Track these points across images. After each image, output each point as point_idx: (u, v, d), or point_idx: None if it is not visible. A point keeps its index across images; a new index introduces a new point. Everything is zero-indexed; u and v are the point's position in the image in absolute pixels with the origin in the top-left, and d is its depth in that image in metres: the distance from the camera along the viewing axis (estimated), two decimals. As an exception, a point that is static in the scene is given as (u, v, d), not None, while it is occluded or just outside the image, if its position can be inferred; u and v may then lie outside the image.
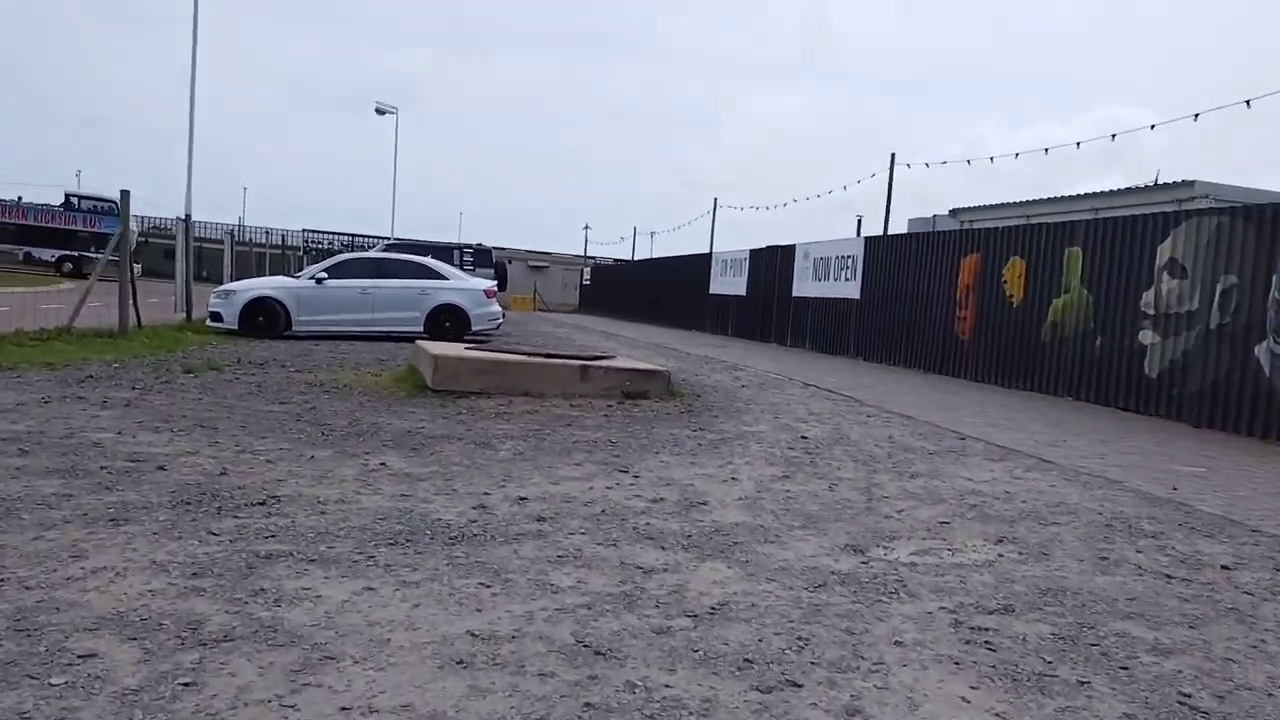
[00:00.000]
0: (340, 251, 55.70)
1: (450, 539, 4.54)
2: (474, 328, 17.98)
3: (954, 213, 29.99)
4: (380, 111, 43.89)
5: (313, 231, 65.58)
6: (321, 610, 3.52)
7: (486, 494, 5.52)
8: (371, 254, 21.96)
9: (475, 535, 4.63)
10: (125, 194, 14.77)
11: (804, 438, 8.15)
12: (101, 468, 5.58)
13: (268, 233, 57.96)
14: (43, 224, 46.33)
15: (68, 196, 47.83)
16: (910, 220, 32.93)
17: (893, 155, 27.26)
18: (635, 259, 61.46)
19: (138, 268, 33.38)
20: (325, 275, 17.46)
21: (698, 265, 33.70)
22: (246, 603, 3.55)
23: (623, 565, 4.24)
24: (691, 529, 4.91)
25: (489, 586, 3.90)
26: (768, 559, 4.42)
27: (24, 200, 48.33)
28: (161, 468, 5.69)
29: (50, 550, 3.99)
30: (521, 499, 5.42)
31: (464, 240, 47.23)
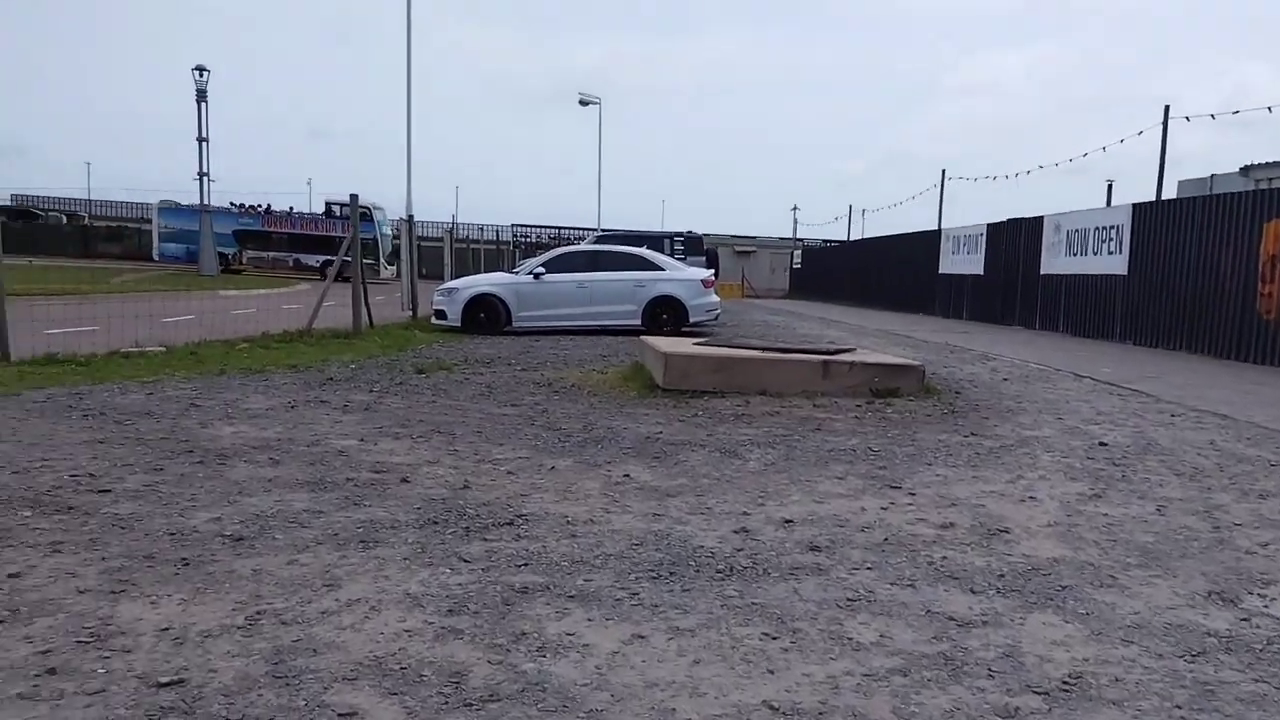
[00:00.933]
0: (548, 245, 56.99)
1: (718, 572, 4.02)
2: (692, 319, 17.58)
3: (1246, 170, 27.04)
4: (584, 103, 44.34)
5: (521, 226, 67.45)
6: (591, 664, 3.07)
7: (745, 514, 4.98)
8: (586, 247, 21.97)
9: (745, 568, 4.09)
10: (354, 197, 15.23)
11: (1102, 444, 7.16)
12: (348, 479, 5.41)
13: (482, 229, 60.07)
14: (308, 232, 49.63)
15: (328, 205, 50.83)
16: (1181, 183, 29.89)
17: (1166, 108, 24.71)
18: (850, 240, 59.69)
19: (390, 270, 34.88)
20: (543, 270, 17.49)
21: (924, 243, 32.03)
22: (509, 650, 3.15)
23: (929, 614, 3.59)
24: (1000, 565, 4.19)
25: (775, 638, 3.34)
26: (1112, 610, 3.65)
27: (293, 210, 52.07)
28: (405, 480, 5.48)
29: (304, 577, 3.75)
30: (786, 521, 4.85)
31: (670, 228, 47.17)
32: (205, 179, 47.18)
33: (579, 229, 64.35)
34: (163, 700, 2.69)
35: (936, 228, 33.61)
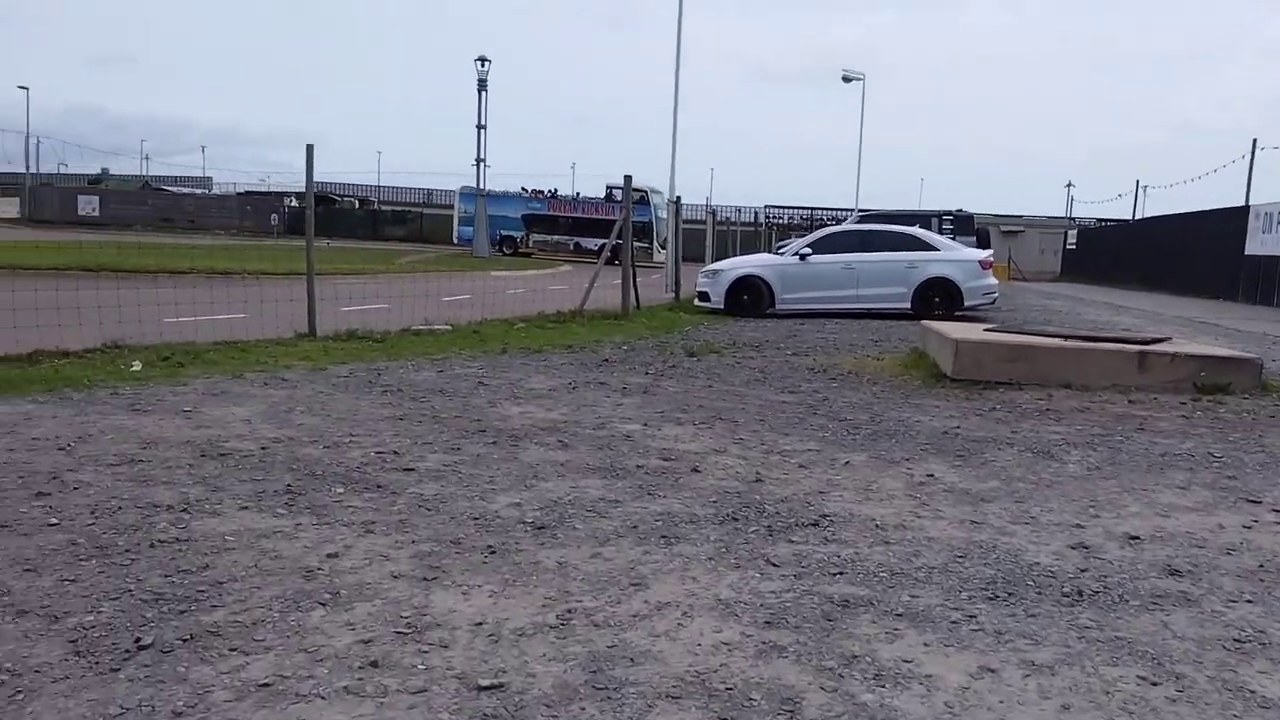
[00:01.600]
0: (801, 226, 55.90)
1: (1064, 596, 3.51)
2: (966, 303, 16.57)
3: None
4: (847, 79, 43.16)
5: (774, 208, 66.74)
6: (939, 700, 2.68)
7: (1079, 526, 4.39)
8: (854, 226, 21.16)
9: (1095, 593, 3.55)
10: (628, 180, 15.33)
11: None
12: (638, 466, 5.26)
13: (739, 210, 59.94)
14: (589, 215, 50.81)
15: (609, 189, 51.63)
16: None
17: None
18: (1135, 218, 54.93)
19: (663, 253, 35.20)
20: (809, 251, 17.00)
21: (1226, 221, 28.92)
22: (841, 675, 2.81)
23: (1353, 669, 2.94)
24: None
25: (1155, 684, 2.82)
26: None
27: (579, 195, 53.62)
28: (695, 469, 5.25)
29: (609, 574, 3.57)
30: (1131, 538, 4.23)
31: (930, 207, 45.06)
32: (482, 164, 49.72)
33: (834, 209, 62.89)
34: (485, 706, 2.55)
35: (1243, 204, 30.20)
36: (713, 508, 4.51)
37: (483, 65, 49.52)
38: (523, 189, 54.55)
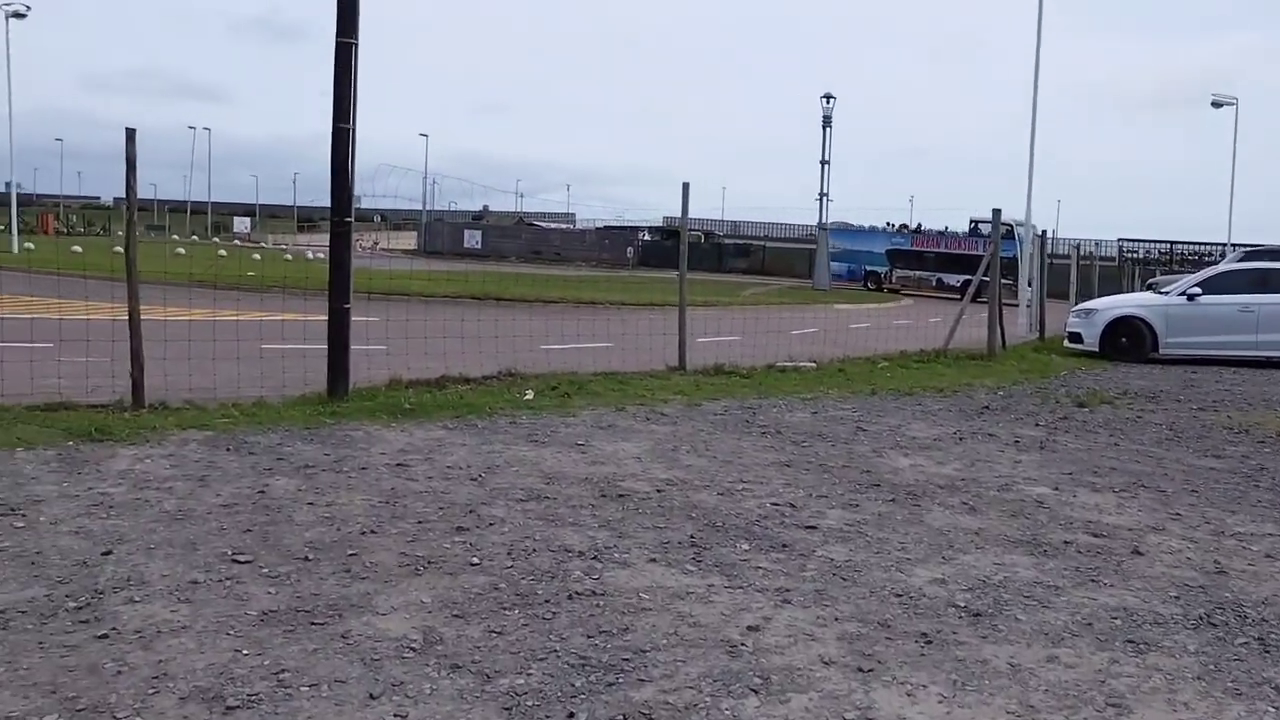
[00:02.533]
0: (1160, 262, 50.24)
1: None
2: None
3: None
4: (1217, 104, 38.46)
5: (1130, 240, 60.15)
6: None
7: None
8: (1253, 265, 18.33)
9: None
10: (997, 213, 14.32)
11: None
12: (1065, 542, 4.63)
13: (1097, 244, 55.00)
14: (952, 250, 46.82)
15: (973, 222, 48.21)
16: None
17: None
18: None
19: (1029, 290, 32.72)
20: (1199, 290, 15.00)
21: None
22: None
23: None
24: None
25: None
26: None
27: (946, 230, 49.95)
28: (1136, 551, 4.54)
29: (1077, 687, 3.05)
30: None
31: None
32: (825, 199, 49.55)
33: (1199, 244, 56.16)
34: None
35: None
36: (1177, 605, 3.82)
37: (828, 102, 49.45)
38: (888, 224, 52.66)
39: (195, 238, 75.50)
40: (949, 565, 4.19)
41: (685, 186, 11.13)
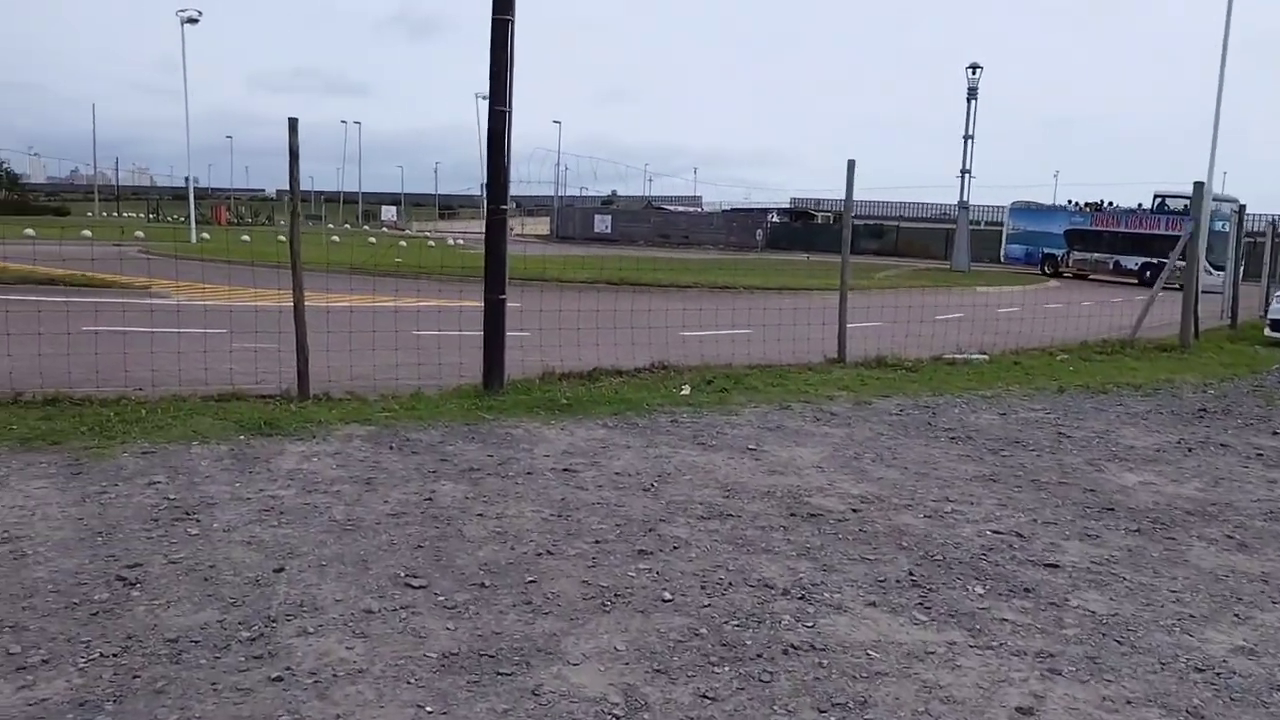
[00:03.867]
0: None
1: None
2: None
3: None
4: None
5: None
6: None
7: None
8: None
9: None
10: (1199, 186, 13.08)
11: None
12: (1364, 591, 3.86)
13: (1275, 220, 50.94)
14: (1132, 230, 41.45)
15: (1159, 198, 42.00)
16: None
17: None
18: None
19: (1218, 274, 29.16)
20: None
21: None
22: None
23: None
24: None
25: None
26: None
27: (1140, 207, 43.07)
28: None
29: None
30: None
31: None
32: (967, 176, 47.18)
33: None
34: None
35: None
36: None
37: (974, 73, 46.55)
38: (1069, 201, 46.64)
39: (348, 226, 78.22)
40: (1247, 627, 3.49)
41: (850, 164, 10.40)
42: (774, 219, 69.05)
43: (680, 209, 76.63)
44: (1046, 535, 4.45)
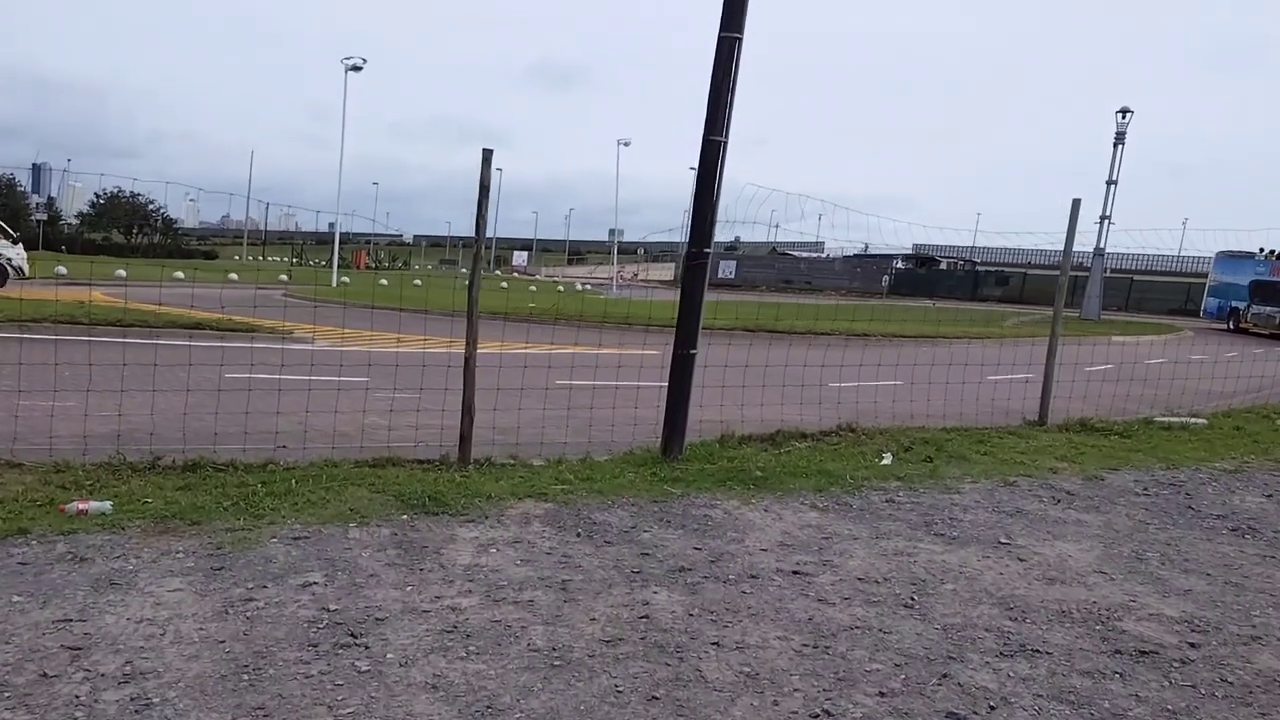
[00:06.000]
0: None
1: None
2: None
3: None
4: None
5: None
6: None
7: None
8: None
9: None
10: None
11: None
12: None
13: None
14: None
15: None
16: None
17: None
18: None
19: None
20: None
21: None
22: None
23: None
24: None
25: None
26: None
27: None
28: None
29: None
30: None
31: None
32: (1106, 221, 44.67)
33: None
34: None
35: None
36: None
37: (1123, 117, 44.07)
38: (1260, 249, 40.64)
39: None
40: None
41: (1075, 203, 9.22)
42: (898, 265, 67.48)
43: (804, 254, 75.61)
44: None
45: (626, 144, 56.95)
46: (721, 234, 6.74)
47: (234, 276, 37.44)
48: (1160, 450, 8.02)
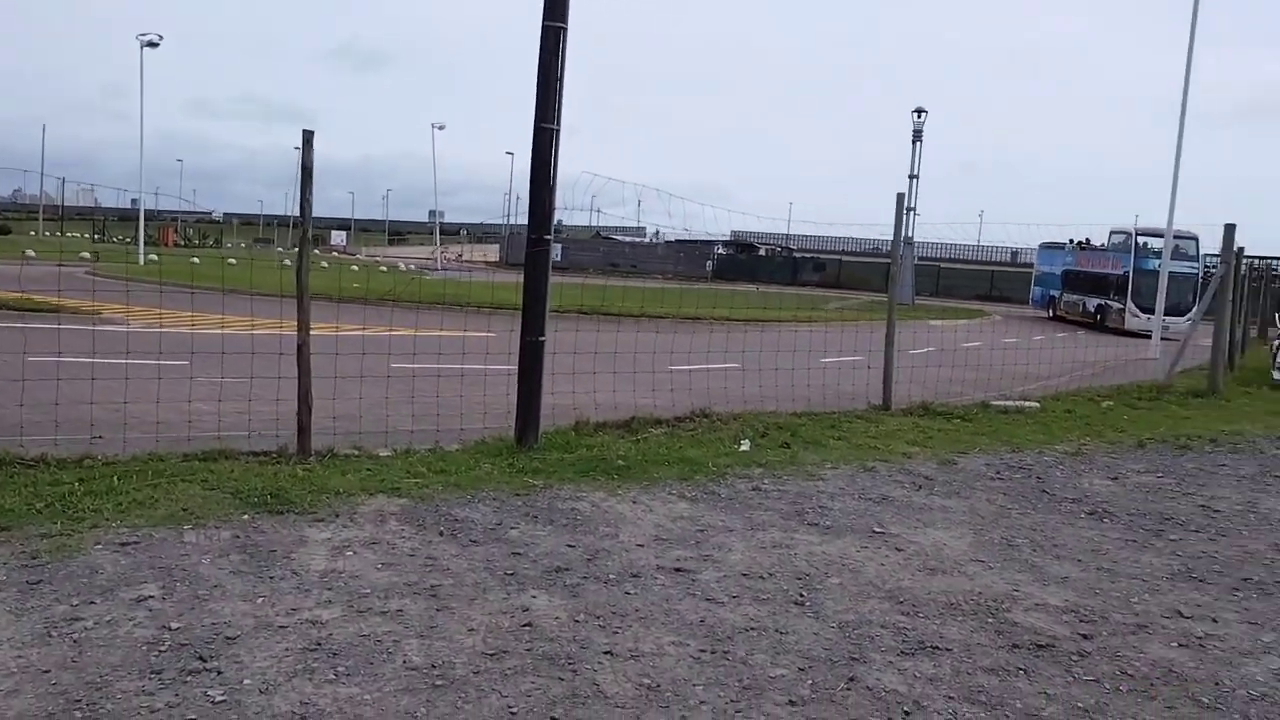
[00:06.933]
0: None
1: None
2: None
3: None
4: None
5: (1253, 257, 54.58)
6: None
7: None
8: None
9: None
10: (1230, 229, 12.31)
11: None
12: None
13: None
14: (1096, 269, 36.59)
15: (1116, 235, 36.42)
16: None
17: None
18: None
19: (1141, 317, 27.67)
20: None
21: None
22: None
23: None
24: None
25: None
26: None
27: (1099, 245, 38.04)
28: None
29: None
30: None
31: None
32: (911, 213, 46.90)
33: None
34: None
35: None
36: None
37: (919, 116, 47.16)
38: (1070, 240, 40.73)
39: (297, 250, 76.05)
40: None
41: (900, 197, 9.44)
42: (720, 251, 69.02)
43: (627, 239, 76.13)
44: None
45: (441, 128, 56.76)
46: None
47: (31, 253, 34.44)
48: (1002, 434, 8.24)
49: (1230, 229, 12.29)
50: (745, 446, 7.02)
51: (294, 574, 3.78)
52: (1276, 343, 14.91)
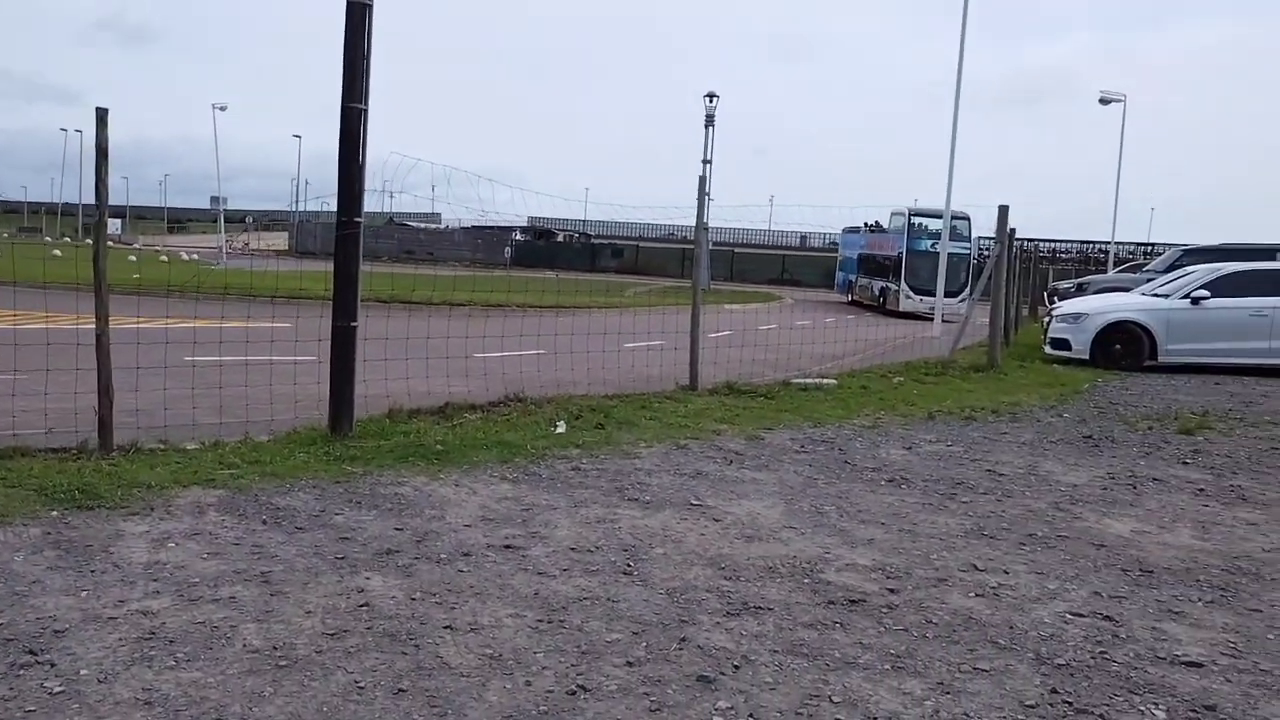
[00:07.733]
0: (1070, 259, 49.99)
1: None
2: None
3: None
4: (1105, 101, 38.39)
5: (1043, 241, 58.67)
6: None
7: None
8: (1268, 266, 17.19)
9: None
10: (1004, 210, 13.45)
11: None
12: None
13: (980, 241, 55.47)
14: (880, 252, 36.66)
15: (896, 215, 36.05)
16: None
17: None
18: None
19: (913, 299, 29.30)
20: (1205, 294, 14.32)
21: None
22: None
23: None
24: None
25: None
26: None
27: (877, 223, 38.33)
28: None
29: None
30: None
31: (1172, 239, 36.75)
32: (707, 198, 48.39)
33: (1088, 242, 57.86)
34: None
35: None
36: None
37: (710, 100, 47.58)
38: (864, 224, 39.72)
39: (67, 239, 69.56)
40: None
41: (701, 180, 9.80)
42: (517, 237, 68.81)
43: (422, 225, 74.57)
44: (1130, 615, 3.84)
45: (223, 108, 53.95)
46: (334, 206, 6.43)
47: None
48: (804, 410, 8.71)
49: (1004, 210, 13.38)
50: (561, 429, 7.15)
51: (115, 567, 3.63)
52: (1047, 320, 16.19)
